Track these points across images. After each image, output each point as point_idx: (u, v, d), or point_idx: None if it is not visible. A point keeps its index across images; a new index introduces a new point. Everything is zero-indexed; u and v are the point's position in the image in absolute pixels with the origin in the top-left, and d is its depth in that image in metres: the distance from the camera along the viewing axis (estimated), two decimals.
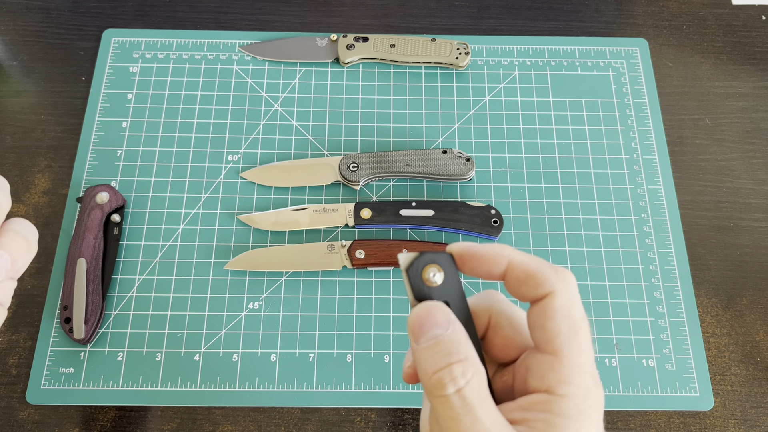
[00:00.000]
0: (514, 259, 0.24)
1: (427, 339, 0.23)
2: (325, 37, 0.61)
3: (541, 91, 0.59)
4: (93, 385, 0.48)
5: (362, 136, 0.57)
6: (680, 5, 0.65)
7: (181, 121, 0.57)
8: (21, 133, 0.57)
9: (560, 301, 0.23)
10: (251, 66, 0.60)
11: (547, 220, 0.54)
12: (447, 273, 0.25)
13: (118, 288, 0.51)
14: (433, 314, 0.23)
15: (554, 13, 0.64)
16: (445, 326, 0.23)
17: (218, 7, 0.64)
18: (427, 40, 0.60)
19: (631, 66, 0.61)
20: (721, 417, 0.48)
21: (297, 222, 0.53)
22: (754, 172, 0.57)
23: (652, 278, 0.52)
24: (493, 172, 0.56)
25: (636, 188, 0.55)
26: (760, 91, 0.61)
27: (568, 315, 0.23)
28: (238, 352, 0.49)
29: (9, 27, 0.62)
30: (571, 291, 0.24)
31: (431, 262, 0.24)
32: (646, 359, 0.49)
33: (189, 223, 0.53)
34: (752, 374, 0.50)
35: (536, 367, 0.24)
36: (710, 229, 0.55)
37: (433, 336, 0.23)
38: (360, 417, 0.48)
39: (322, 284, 0.51)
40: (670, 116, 0.59)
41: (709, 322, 0.51)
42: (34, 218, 0.54)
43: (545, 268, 0.24)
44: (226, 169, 0.56)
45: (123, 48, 0.61)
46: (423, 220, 0.52)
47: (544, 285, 0.24)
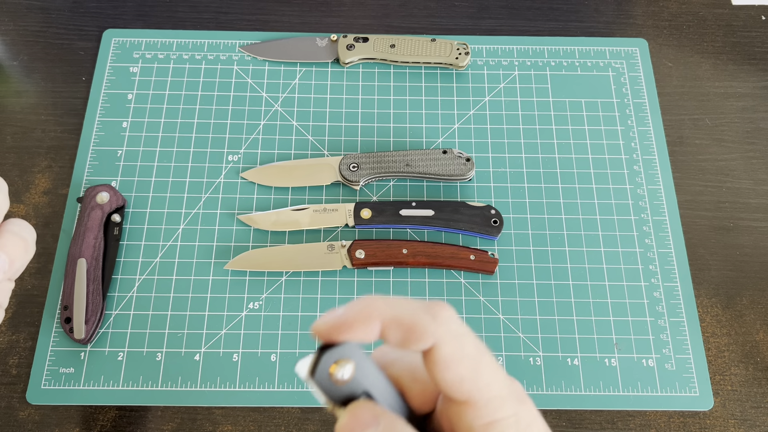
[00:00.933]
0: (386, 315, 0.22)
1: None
2: (325, 38, 0.61)
3: (540, 91, 0.59)
4: (93, 385, 0.48)
5: (362, 136, 0.57)
6: (680, 5, 0.65)
7: (182, 121, 0.57)
8: (21, 133, 0.57)
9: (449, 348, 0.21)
10: (251, 66, 0.60)
11: (547, 220, 0.54)
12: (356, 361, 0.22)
13: (119, 288, 0.51)
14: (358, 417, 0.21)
15: (554, 13, 0.64)
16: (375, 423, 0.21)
17: (218, 7, 0.64)
18: (427, 41, 0.60)
19: (631, 66, 0.61)
20: (721, 417, 0.48)
21: (297, 222, 0.53)
22: (754, 172, 0.57)
23: (652, 278, 0.52)
24: (493, 172, 0.56)
25: (636, 188, 0.55)
26: (760, 91, 0.61)
27: (462, 357, 0.22)
28: (239, 352, 0.49)
29: (9, 27, 0.62)
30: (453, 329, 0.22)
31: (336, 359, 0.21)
32: (645, 359, 0.49)
33: (189, 223, 0.53)
34: (752, 374, 0.50)
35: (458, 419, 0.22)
36: (710, 229, 0.55)
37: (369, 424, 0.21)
38: None
39: (322, 284, 0.51)
40: (669, 116, 0.59)
41: (709, 322, 0.51)
42: (34, 218, 0.54)
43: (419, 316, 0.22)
44: (226, 169, 0.56)
45: (123, 48, 0.61)
46: (423, 220, 0.52)
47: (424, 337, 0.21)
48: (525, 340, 0.50)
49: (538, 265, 0.52)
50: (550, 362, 0.49)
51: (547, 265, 0.52)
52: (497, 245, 0.53)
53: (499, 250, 0.53)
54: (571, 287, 0.51)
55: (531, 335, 0.50)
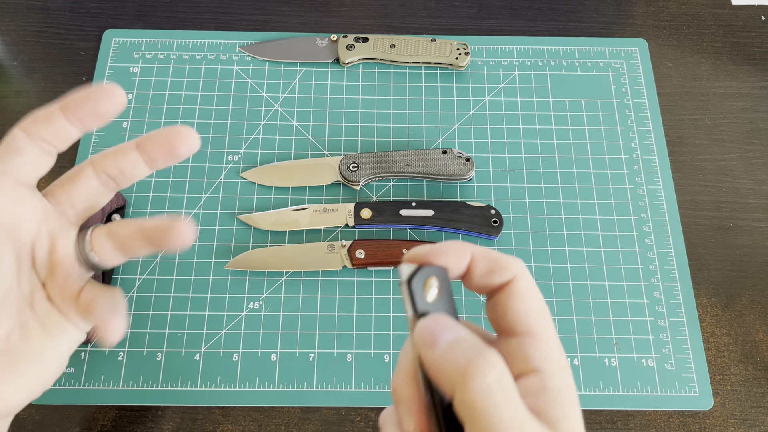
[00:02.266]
0: (475, 250, 0.26)
1: (444, 340, 0.23)
2: (325, 38, 0.61)
3: (540, 92, 0.59)
4: (93, 384, 0.48)
5: (362, 136, 0.57)
6: (680, 5, 0.65)
7: (182, 121, 0.57)
8: None
9: (526, 282, 0.25)
10: (251, 66, 0.60)
11: (547, 220, 0.54)
12: (443, 286, 0.25)
13: (119, 288, 0.51)
14: (442, 321, 0.24)
15: (554, 14, 0.64)
16: (458, 329, 0.23)
17: (218, 8, 0.64)
18: (427, 41, 0.60)
19: (631, 66, 0.61)
20: (721, 417, 0.48)
21: (297, 222, 0.53)
22: (753, 172, 0.57)
23: (652, 278, 0.52)
24: (493, 172, 0.56)
25: (635, 188, 0.55)
26: (760, 91, 0.61)
27: (535, 295, 0.25)
28: (239, 352, 0.49)
29: (9, 27, 0.62)
30: (529, 274, 0.26)
31: (431, 275, 0.24)
32: (645, 359, 0.49)
33: None
34: (752, 374, 0.50)
35: (516, 351, 0.24)
36: (710, 229, 0.55)
37: (451, 337, 0.23)
38: (360, 417, 0.48)
39: (322, 284, 0.51)
40: (669, 116, 0.59)
41: (709, 322, 0.51)
42: None
43: (504, 255, 0.26)
44: (226, 169, 0.56)
45: (123, 48, 0.61)
46: (423, 220, 0.52)
47: (509, 269, 0.25)
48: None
49: (538, 265, 0.52)
50: None
51: (547, 265, 0.52)
52: (497, 245, 0.53)
53: (499, 250, 0.53)
54: (570, 287, 0.51)
55: None
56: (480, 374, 0.21)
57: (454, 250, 0.25)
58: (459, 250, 0.25)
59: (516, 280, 0.25)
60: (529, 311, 0.25)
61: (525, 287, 0.25)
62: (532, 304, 0.25)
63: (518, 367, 0.24)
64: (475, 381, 0.21)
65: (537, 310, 0.25)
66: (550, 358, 0.24)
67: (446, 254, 0.25)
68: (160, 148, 0.29)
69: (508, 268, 0.25)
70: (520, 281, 0.25)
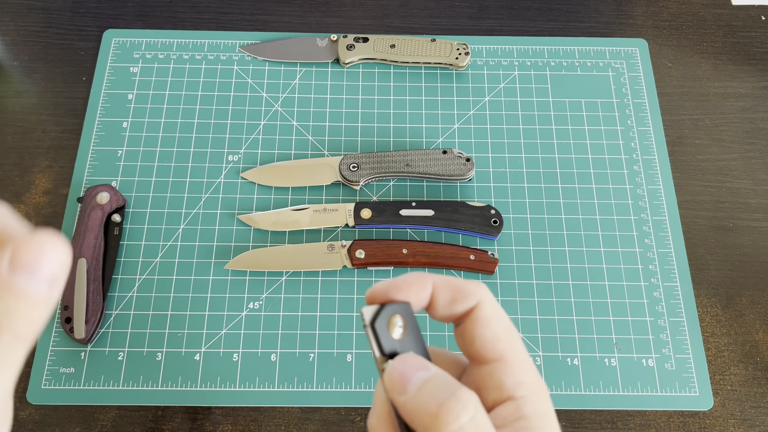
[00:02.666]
0: (436, 280, 0.25)
1: (414, 384, 0.22)
2: (325, 38, 0.61)
3: (540, 92, 0.59)
4: (93, 384, 0.48)
5: (362, 136, 0.57)
6: (680, 5, 0.65)
7: (182, 121, 0.57)
8: (21, 134, 0.57)
9: (490, 307, 0.25)
10: (251, 66, 0.60)
11: (547, 220, 0.54)
12: (408, 321, 0.24)
13: (119, 288, 0.51)
14: (411, 361, 0.23)
15: (554, 14, 0.64)
16: (427, 369, 0.23)
17: (218, 8, 0.64)
18: (427, 41, 0.60)
19: (631, 66, 0.61)
20: (721, 417, 0.48)
21: (297, 222, 0.53)
22: (753, 172, 0.57)
23: (652, 278, 0.52)
24: (493, 172, 0.56)
25: (635, 188, 0.55)
26: (760, 91, 0.61)
27: (501, 318, 0.25)
28: (239, 352, 0.49)
29: (9, 27, 0.62)
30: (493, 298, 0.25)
31: (395, 314, 0.24)
32: (645, 359, 0.49)
33: (189, 223, 0.53)
34: (752, 374, 0.50)
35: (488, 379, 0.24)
36: (710, 229, 0.55)
37: (421, 378, 0.22)
38: (360, 417, 0.48)
39: (322, 284, 0.51)
40: (669, 116, 0.59)
41: (709, 322, 0.51)
42: (34, 218, 0.54)
43: (466, 281, 0.25)
44: (226, 169, 0.56)
45: (123, 48, 0.61)
46: (423, 220, 0.52)
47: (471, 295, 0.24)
48: (525, 340, 0.50)
49: (538, 265, 0.52)
50: (550, 362, 0.49)
51: (547, 265, 0.52)
52: (497, 245, 0.53)
53: (499, 250, 0.53)
54: (570, 287, 0.51)
55: (531, 335, 0.50)
56: (452, 417, 0.21)
57: (414, 282, 0.25)
58: (419, 281, 0.25)
59: (480, 305, 0.25)
60: (496, 336, 0.24)
61: (489, 312, 0.24)
62: (498, 329, 0.24)
63: (492, 395, 0.24)
64: (448, 425, 0.21)
65: (504, 333, 0.24)
66: (524, 383, 0.23)
67: (407, 288, 0.24)
68: None
69: (471, 294, 0.25)
70: (484, 306, 0.24)
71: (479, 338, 0.24)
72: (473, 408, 0.21)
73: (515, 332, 0.25)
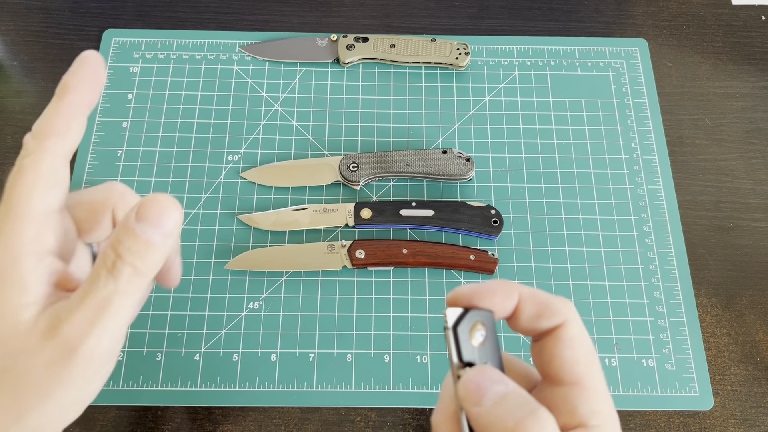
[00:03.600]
0: (522, 291, 0.24)
1: (491, 398, 0.22)
2: (325, 38, 0.61)
3: (540, 91, 0.59)
4: None
5: (362, 136, 0.57)
6: (680, 5, 0.65)
7: (182, 121, 0.57)
8: (21, 133, 0.57)
9: (575, 328, 0.24)
10: (251, 66, 0.60)
11: (547, 220, 0.54)
12: (489, 331, 0.23)
13: None
14: (489, 374, 0.22)
15: (554, 13, 0.64)
16: (505, 383, 0.22)
17: (218, 7, 0.64)
18: (427, 41, 0.60)
19: (631, 66, 0.61)
20: (721, 417, 0.48)
21: (297, 222, 0.53)
22: (753, 172, 0.57)
23: (652, 278, 0.52)
24: (493, 172, 0.56)
25: (636, 188, 0.55)
26: (760, 91, 0.61)
27: (585, 342, 0.24)
28: (239, 352, 0.49)
29: (9, 27, 0.62)
30: (579, 319, 0.24)
31: (478, 321, 0.23)
32: (645, 359, 0.49)
33: (189, 223, 0.53)
34: (752, 374, 0.50)
35: (561, 402, 0.23)
36: (710, 229, 0.55)
37: (498, 393, 0.22)
38: (360, 417, 0.48)
39: (322, 284, 0.51)
40: (669, 116, 0.59)
41: (709, 322, 0.51)
42: None
43: (554, 297, 0.24)
44: (226, 169, 0.56)
45: (123, 48, 0.61)
46: (423, 220, 0.52)
47: (558, 314, 0.24)
48: (525, 340, 0.50)
49: (538, 265, 0.52)
50: None
51: (547, 265, 0.52)
52: (497, 245, 0.53)
53: (499, 250, 0.53)
54: (571, 287, 0.51)
55: None
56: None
57: (500, 290, 0.24)
58: (506, 290, 0.24)
59: (565, 325, 0.24)
60: (577, 360, 0.23)
61: (574, 334, 0.24)
62: (580, 352, 0.24)
63: (563, 419, 0.23)
64: None
65: (586, 358, 0.24)
66: (599, 412, 0.23)
67: (492, 295, 0.24)
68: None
69: (558, 312, 0.24)
70: (569, 327, 0.24)
71: (559, 359, 0.24)
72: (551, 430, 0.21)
73: (596, 358, 0.24)
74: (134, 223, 0.24)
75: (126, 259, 0.23)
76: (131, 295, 0.24)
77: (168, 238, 0.24)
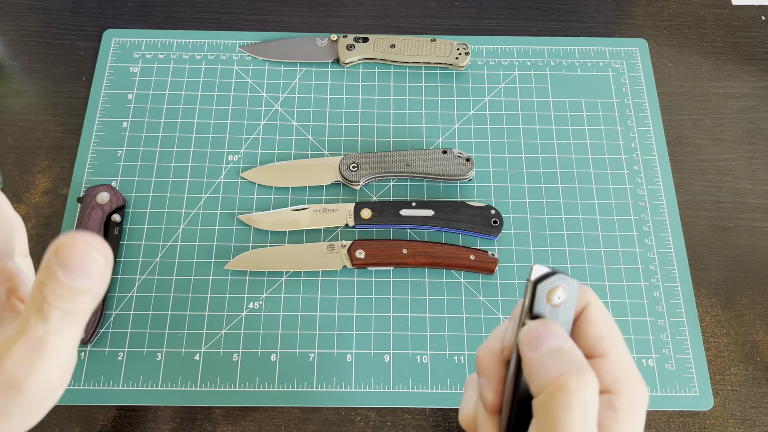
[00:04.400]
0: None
1: (546, 347, 0.24)
2: (325, 38, 0.61)
3: (540, 91, 0.59)
4: (93, 384, 0.48)
5: (362, 136, 0.57)
6: (680, 5, 0.65)
7: (182, 121, 0.57)
8: (21, 133, 0.57)
9: (598, 309, 0.27)
10: (251, 66, 0.60)
11: (547, 220, 0.54)
12: (569, 299, 0.25)
13: (119, 288, 0.51)
14: (551, 327, 0.25)
15: (554, 14, 0.64)
16: (564, 339, 0.25)
17: (218, 8, 0.64)
18: (427, 41, 0.60)
19: (631, 66, 0.61)
20: (721, 417, 0.48)
21: (297, 222, 0.53)
22: (753, 172, 0.57)
23: (652, 278, 0.52)
24: (493, 172, 0.56)
25: (636, 188, 0.55)
26: (760, 91, 0.61)
27: (607, 319, 0.27)
28: (239, 352, 0.49)
29: (9, 27, 0.62)
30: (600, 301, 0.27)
31: (561, 284, 0.25)
32: (645, 359, 0.49)
33: (189, 223, 0.53)
34: (752, 374, 0.50)
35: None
36: (710, 229, 0.55)
37: (554, 345, 0.24)
38: (360, 417, 0.48)
39: (322, 284, 0.51)
40: (669, 116, 0.59)
41: (709, 322, 0.51)
42: (34, 218, 0.54)
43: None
44: (226, 169, 0.56)
45: (123, 48, 0.61)
46: (423, 220, 0.52)
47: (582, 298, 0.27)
48: None
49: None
50: None
51: (548, 265, 0.52)
52: (497, 245, 0.53)
53: (499, 250, 0.53)
54: None
55: None
56: (572, 387, 0.22)
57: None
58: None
59: (589, 307, 0.27)
60: (602, 335, 0.26)
61: (598, 313, 0.27)
62: (604, 329, 0.26)
63: None
64: (562, 394, 0.22)
65: (609, 333, 0.26)
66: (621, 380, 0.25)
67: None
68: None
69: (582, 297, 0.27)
70: (592, 308, 0.27)
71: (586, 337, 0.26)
72: (591, 390, 0.23)
73: (619, 334, 0.27)
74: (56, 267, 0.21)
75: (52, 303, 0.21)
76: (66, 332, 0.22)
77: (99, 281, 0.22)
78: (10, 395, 0.22)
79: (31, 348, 0.22)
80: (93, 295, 0.22)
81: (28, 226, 0.53)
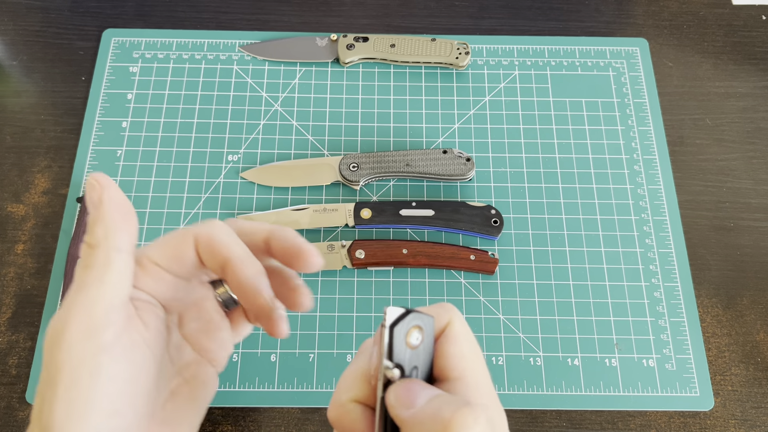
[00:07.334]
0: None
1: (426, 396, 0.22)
2: (325, 37, 0.61)
3: (541, 91, 0.59)
4: None
5: (362, 136, 0.57)
6: (680, 5, 0.65)
7: (181, 121, 0.57)
8: (21, 133, 0.57)
9: (458, 327, 0.25)
10: (251, 66, 0.60)
11: (547, 220, 0.54)
12: (426, 337, 0.24)
13: None
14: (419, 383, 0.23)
15: (554, 13, 0.64)
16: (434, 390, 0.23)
17: (218, 7, 0.64)
18: (427, 40, 0.60)
19: (631, 66, 0.61)
20: (722, 417, 0.48)
21: (297, 222, 0.53)
22: (754, 172, 0.57)
23: (653, 278, 0.52)
24: (493, 172, 0.56)
25: (636, 188, 0.55)
26: (761, 91, 0.61)
27: (468, 338, 0.25)
28: (239, 352, 0.49)
29: (9, 27, 0.62)
30: (463, 319, 0.26)
31: (418, 323, 0.23)
32: (646, 359, 0.49)
33: (189, 223, 0.53)
34: (752, 374, 0.50)
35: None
36: (710, 229, 0.55)
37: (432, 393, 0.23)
38: None
39: (322, 284, 0.51)
40: (670, 116, 0.59)
41: (710, 322, 0.51)
42: (33, 218, 0.54)
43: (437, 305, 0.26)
44: (226, 169, 0.56)
45: (123, 48, 0.61)
46: (423, 220, 0.52)
47: (442, 316, 0.25)
48: (525, 340, 0.50)
49: (539, 265, 0.52)
50: (551, 362, 0.49)
51: (548, 265, 0.52)
52: (497, 245, 0.53)
53: (499, 250, 0.53)
54: (571, 287, 0.51)
55: (531, 335, 0.50)
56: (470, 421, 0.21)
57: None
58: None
59: (450, 324, 0.25)
60: (462, 355, 0.25)
61: (458, 331, 0.25)
62: (464, 347, 0.25)
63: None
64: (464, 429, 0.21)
65: (469, 353, 0.25)
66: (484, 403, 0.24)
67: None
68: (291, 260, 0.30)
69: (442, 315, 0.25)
70: (454, 326, 0.25)
71: (445, 355, 0.25)
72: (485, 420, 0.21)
73: (480, 353, 0.26)
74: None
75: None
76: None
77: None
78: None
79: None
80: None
81: (27, 226, 0.53)
